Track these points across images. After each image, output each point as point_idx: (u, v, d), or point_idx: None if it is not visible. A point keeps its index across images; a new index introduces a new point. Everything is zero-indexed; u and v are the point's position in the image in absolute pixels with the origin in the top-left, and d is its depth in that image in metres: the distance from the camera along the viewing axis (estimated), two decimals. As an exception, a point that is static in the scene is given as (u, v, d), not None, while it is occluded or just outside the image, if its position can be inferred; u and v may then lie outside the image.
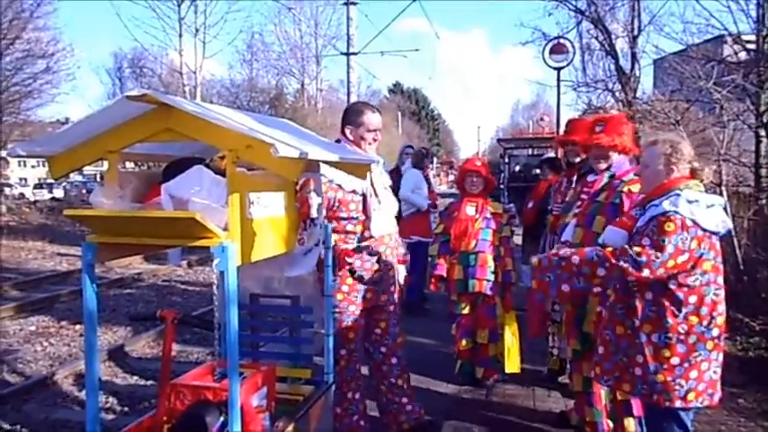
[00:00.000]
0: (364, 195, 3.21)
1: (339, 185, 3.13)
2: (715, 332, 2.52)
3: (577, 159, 4.31)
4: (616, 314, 2.65)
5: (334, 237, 3.13)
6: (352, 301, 3.28)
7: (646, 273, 2.43)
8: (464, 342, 4.55)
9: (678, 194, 2.50)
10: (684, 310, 2.47)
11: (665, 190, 2.56)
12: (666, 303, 2.49)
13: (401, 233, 3.93)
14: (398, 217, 3.96)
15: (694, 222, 2.44)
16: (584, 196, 3.50)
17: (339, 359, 3.28)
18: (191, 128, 2.04)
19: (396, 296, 3.47)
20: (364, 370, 3.54)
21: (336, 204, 3.15)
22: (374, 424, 3.57)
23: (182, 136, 2.10)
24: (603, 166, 3.45)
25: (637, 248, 2.47)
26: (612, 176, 3.40)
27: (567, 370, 4.41)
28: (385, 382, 3.50)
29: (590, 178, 3.55)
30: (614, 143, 3.37)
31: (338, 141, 3.31)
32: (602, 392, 3.56)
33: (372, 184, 3.25)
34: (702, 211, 2.46)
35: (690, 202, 2.47)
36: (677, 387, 2.50)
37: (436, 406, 4.15)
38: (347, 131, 3.29)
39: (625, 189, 3.27)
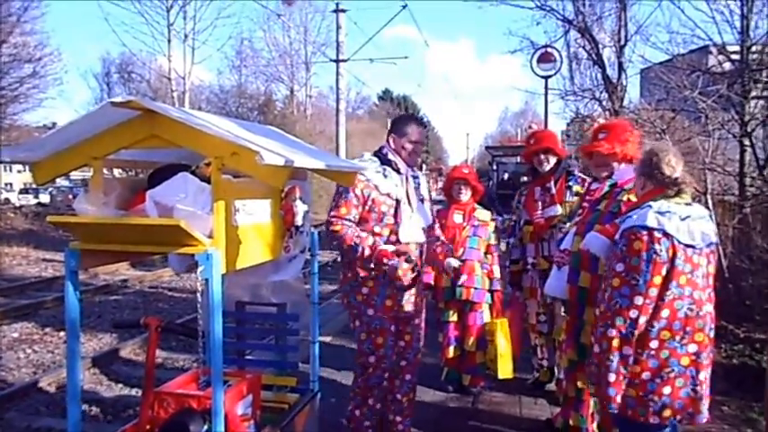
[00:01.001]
0: (398, 201, 3.19)
1: (376, 186, 3.14)
2: (691, 348, 2.42)
3: (548, 168, 4.36)
4: (597, 330, 2.59)
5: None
6: (371, 305, 3.19)
7: (638, 300, 2.37)
8: (451, 350, 4.54)
9: (649, 207, 2.44)
10: (657, 325, 2.39)
11: (642, 202, 2.54)
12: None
13: None
14: None
15: (665, 233, 2.37)
16: (585, 204, 3.49)
17: (367, 366, 3.21)
18: (176, 134, 2.04)
19: (418, 308, 3.39)
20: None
21: (370, 204, 3.14)
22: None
23: (167, 143, 2.09)
24: (605, 174, 3.42)
25: (615, 281, 2.43)
26: (614, 185, 3.36)
27: (556, 377, 4.42)
28: (389, 396, 3.45)
29: (593, 186, 3.54)
30: (614, 151, 3.30)
31: (381, 148, 3.36)
32: (591, 402, 3.57)
33: (407, 193, 3.25)
34: (674, 223, 2.39)
35: (661, 213, 2.40)
36: (650, 403, 2.43)
37: (423, 414, 4.13)
38: (391, 140, 3.33)
39: (625, 198, 3.23)
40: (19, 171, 43.04)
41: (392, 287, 3.18)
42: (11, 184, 41.56)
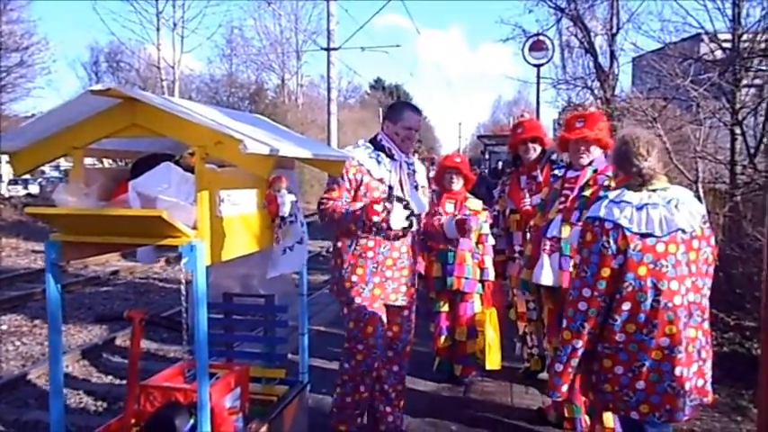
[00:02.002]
0: (390, 187, 3.15)
1: (368, 170, 3.13)
2: (663, 342, 2.30)
3: (534, 156, 4.39)
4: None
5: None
6: (359, 293, 3.16)
7: (586, 293, 2.33)
8: (443, 339, 4.53)
9: (605, 197, 2.38)
10: (620, 319, 2.32)
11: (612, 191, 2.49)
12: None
13: None
14: None
15: (615, 224, 2.29)
16: (566, 192, 3.48)
17: (356, 353, 3.18)
18: (158, 123, 1.99)
19: (408, 299, 3.35)
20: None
21: (363, 189, 3.12)
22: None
23: (149, 131, 2.04)
24: (586, 160, 3.44)
25: (573, 272, 2.43)
26: (595, 171, 3.40)
27: (547, 366, 4.42)
28: (377, 386, 3.43)
29: (570, 174, 3.54)
30: (599, 137, 3.38)
31: (377, 135, 3.34)
32: (582, 389, 3.57)
33: (401, 180, 3.22)
34: (627, 212, 2.30)
35: (616, 203, 2.33)
36: (626, 397, 2.36)
37: (414, 404, 4.12)
38: (385, 126, 3.33)
39: (612, 184, 3.25)
40: (8, 162, 42.48)
41: (380, 275, 3.16)
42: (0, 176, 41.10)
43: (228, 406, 2.44)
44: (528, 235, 4.35)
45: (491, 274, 4.47)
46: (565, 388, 2.48)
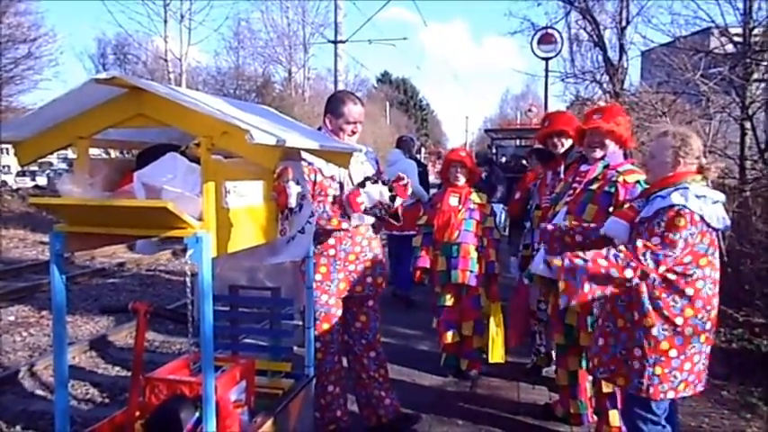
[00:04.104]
0: (341, 183, 3.15)
1: (319, 169, 3.09)
2: (708, 326, 2.57)
3: (561, 151, 4.26)
4: (617, 306, 2.65)
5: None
6: (325, 290, 3.21)
7: (662, 269, 2.48)
8: (449, 334, 4.51)
9: (687, 188, 2.49)
10: (681, 302, 2.51)
11: (670, 183, 2.56)
12: (665, 296, 2.52)
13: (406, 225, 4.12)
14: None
15: (701, 218, 2.46)
16: (576, 185, 3.45)
17: (316, 351, 3.21)
18: (163, 113, 1.96)
19: (375, 289, 3.40)
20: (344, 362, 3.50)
21: (318, 188, 3.10)
22: (354, 418, 3.53)
23: (154, 121, 2.02)
24: (599, 154, 3.39)
25: (651, 244, 2.49)
26: (606, 166, 3.35)
27: (554, 363, 4.39)
28: (363, 375, 3.49)
29: (583, 167, 3.50)
30: (612, 129, 3.32)
31: (319, 129, 3.27)
32: (587, 385, 3.56)
33: (350, 174, 3.19)
34: (709, 206, 2.49)
35: (698, 197, 2.47)
36: (672, 378, 2.54)
37: (420, 398, 4.12)
38: (327, 120, 3.25)
39: (620, 179, 3.24)
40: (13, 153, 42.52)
41: (344, 270, 3.23)
42: (8, 167, 41.28)
43: (234, 399, 2.43)
44: None
45: (497, 268, 4.45)
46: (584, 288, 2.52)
